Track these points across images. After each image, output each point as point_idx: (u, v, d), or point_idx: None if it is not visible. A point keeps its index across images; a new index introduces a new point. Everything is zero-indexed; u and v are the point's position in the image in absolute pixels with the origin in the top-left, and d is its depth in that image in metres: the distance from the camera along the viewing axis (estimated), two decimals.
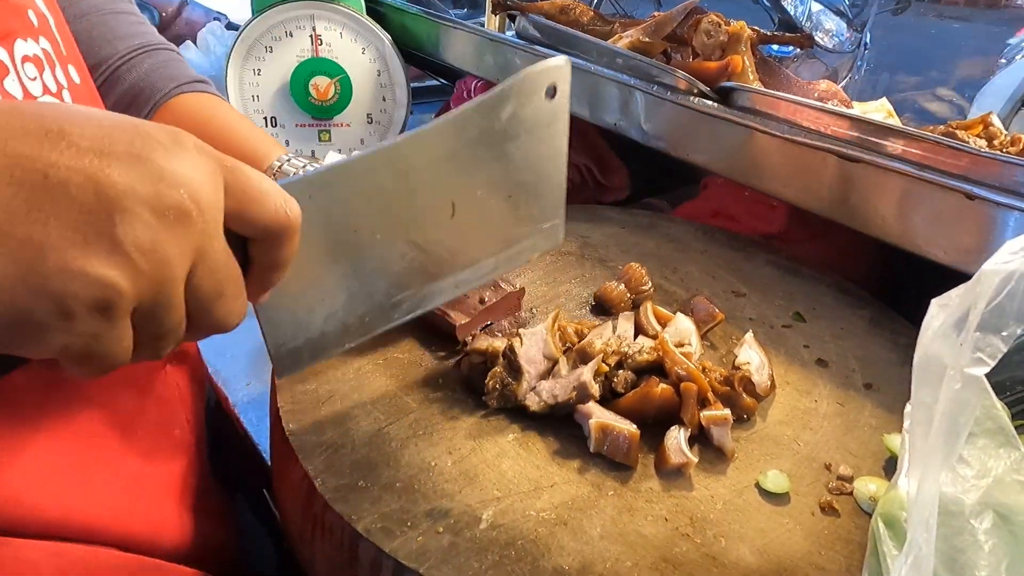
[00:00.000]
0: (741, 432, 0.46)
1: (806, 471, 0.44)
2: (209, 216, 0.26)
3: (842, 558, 0.38)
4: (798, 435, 0.47)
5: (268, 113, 0.99)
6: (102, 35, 0.58)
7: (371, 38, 1.01)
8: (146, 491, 0.42)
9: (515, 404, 0.46)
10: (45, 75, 0.37)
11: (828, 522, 0.40)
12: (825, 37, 1.88)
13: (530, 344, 0.48)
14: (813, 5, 1.89)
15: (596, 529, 0.38)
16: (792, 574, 0.37)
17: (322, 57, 0.99)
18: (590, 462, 0.43)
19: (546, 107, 0.43)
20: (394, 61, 1.02)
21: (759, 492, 0.42)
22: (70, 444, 0.37)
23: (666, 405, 0.45)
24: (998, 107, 1.14)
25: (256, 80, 0.98)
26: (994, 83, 1.22)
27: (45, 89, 0.37)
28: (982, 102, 1.18)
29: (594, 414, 0.44)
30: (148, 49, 0.59)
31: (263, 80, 0.98)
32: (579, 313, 0.57)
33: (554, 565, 0.36)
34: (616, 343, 0.48)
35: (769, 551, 0.38)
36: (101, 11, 0.59)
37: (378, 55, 1.02)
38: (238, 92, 0.97)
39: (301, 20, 0.98)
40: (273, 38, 0.97)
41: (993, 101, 1.18)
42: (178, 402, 0.48)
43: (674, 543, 0.38)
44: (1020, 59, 1.27)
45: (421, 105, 1.32)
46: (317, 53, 0.99)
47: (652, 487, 0.42)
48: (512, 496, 0.40)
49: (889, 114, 0.84)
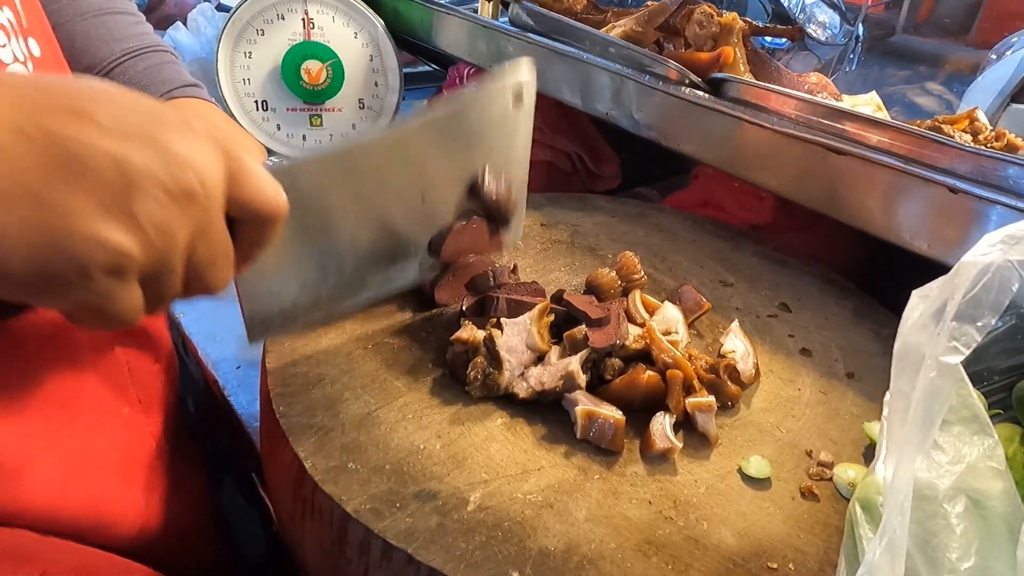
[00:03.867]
0: (725, 419, 0.47)
1: (788, 457, 0.45)
2: (212, 198, 0.29)
3: (820, 541, 0.39)
4: (781, 422, 0.48)
5: (259, 97, 0.98)
6: (99, 36, 0.59)
7: (364, 23, 1.00)
8: (87, 468, 0.42)
9: (497, 394, 0.46)
10: (12, 43, 0.39)
11: (808, 506, 0.41)
12: (818, 29, 1.89)
13: (511, 334, 0.48)
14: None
15: (581, 512, 0.39)
16: (771, 556, 0.38)
17: (314, 41, 0.98)
18: (576, 447, 0.44)
19: (511, 114, 0.47)
20: (387, 46, 1.01)
21: (741, 477, 0.43)
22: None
23: (652, 392, 0.46)
24: (988, 101, 1.15)
25: (247, 63, 0.97)
26: (985, 77, 1.23)
27: (14, 58, 0.39)
28: (972, 97, 1.19)
29: (580, 402, 0.45)
30: (143, 51, 0.60)
31: (254, 63, 0.97)
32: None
33: (540, 546, 0.37)
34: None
35: (750, 534, 0.39)
36: (100, 11, 0.60)
37: (371, 40, 1.01)
38: (229, 75, 0.96)
39: (293, 3, 0.97)
40: (265, 20, 0.96)
41: (983, 96, 1.19)
42: (128, 381, 0.48)
43: (657, 526, 0.39)
44: (1010, 55, 1.28)
45: (414, 91, 1.32)
46: (309, 37, 0.98)
47: (637, 471, 0.42)
48: (500, 479, 0.40)
49: (878, 108, 0.85)
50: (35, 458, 0.38)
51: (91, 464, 0.42)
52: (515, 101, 0.47)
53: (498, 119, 0.47)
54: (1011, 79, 1.16)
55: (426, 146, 0.44)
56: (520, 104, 0.47)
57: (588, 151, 0.96)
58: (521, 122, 0.48)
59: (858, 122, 0.57)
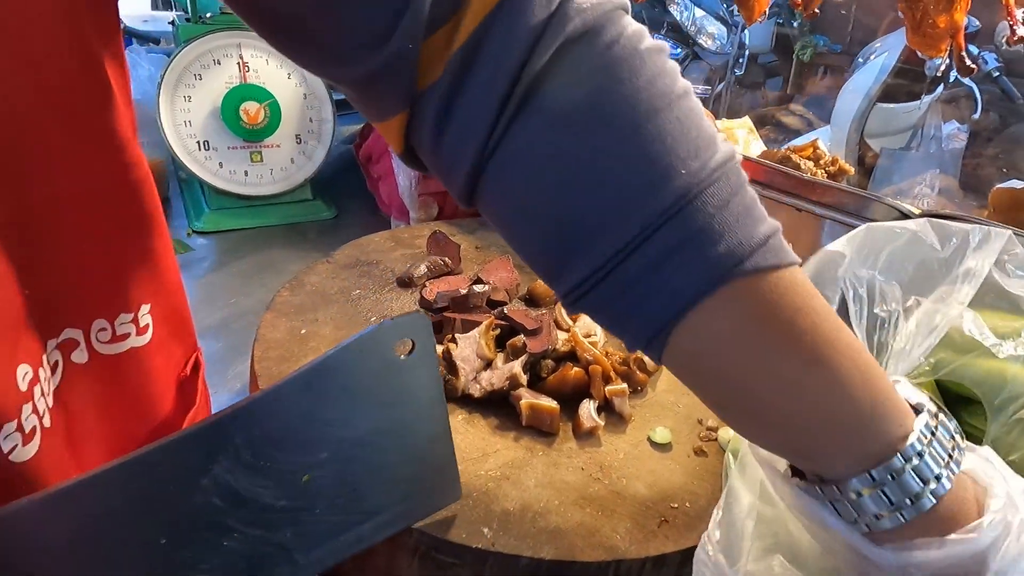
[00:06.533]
0: (636, 400, 0.60)
1: (684, 426, 0.58)
2: None
3: (709, 485, 0.52)
4: (679, 400, 0.61)
5: (200, 137, 1.04)
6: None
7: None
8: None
9: (456, 396, 0.57)
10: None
11: (700, 461, 0.55)
12: (708, 40, 2.09)
13: (464, 346, 0.59)
14: (697, 11, 2.09)
15: (531, 480, 0.50)
16: (673, 499, 0.50)
17: (250, 83, 1.05)
18: (523, 432, 0.55)
19: (403, 364, 0.39)
20: (318, 83, 1.10)
21: (650, 444, 0.55)
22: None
23: (579, 384, 0.58)
24: (856, 102, 1.34)
25: (187, 107, 1.03)
26: (853, 80, 1.42)
27: None
28: (844, 97, 1.38)
29: (524, 396, 0.56)
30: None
31: (194, 106, 1.03)
32: (514, 304, 0.69)
33: (502, 508, 0.48)
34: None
35: (657, 485, 0.52)
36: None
37: (303, 79, 1.09)
38: (170, 118, 1.02)
39: (228, 48, 1.04)
40: (202, 66, 1.03)
41: (852, 97, 1.38)
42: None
43: (588, 485, 0.51)
44: (875, 59, 1.47)
45: (352, 115, 1.39)
46: (245, 79, 1.05)
47: (571, 447, 0.54)
48: (465, 462, 0.51)
49: (751, 131, 1.01)
50: None
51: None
52: (405, 351, 0.39)
53: (383, 374, 0.38)
54: (876, 81, 1.35)
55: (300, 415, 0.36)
56: (412, 354, 0.39)
57: None
58: (419, 372, 0.40)
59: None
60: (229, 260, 1.03)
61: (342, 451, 0.38)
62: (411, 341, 0.39)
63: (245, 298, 0.95)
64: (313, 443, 0.37)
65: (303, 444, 0.37)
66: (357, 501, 0.40)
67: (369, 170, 1.18)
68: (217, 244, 1.07)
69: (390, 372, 0.38)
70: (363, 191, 1.21)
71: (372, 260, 0.76)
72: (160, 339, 0.41)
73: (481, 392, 0.57)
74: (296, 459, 0.37)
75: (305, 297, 0.68)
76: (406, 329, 0.38)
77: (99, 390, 0.38)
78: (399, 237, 0.81)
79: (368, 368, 0.38)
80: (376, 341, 0.37)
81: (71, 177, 0.34)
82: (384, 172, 1.12)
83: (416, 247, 0.79)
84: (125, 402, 0.40)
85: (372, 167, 1.17)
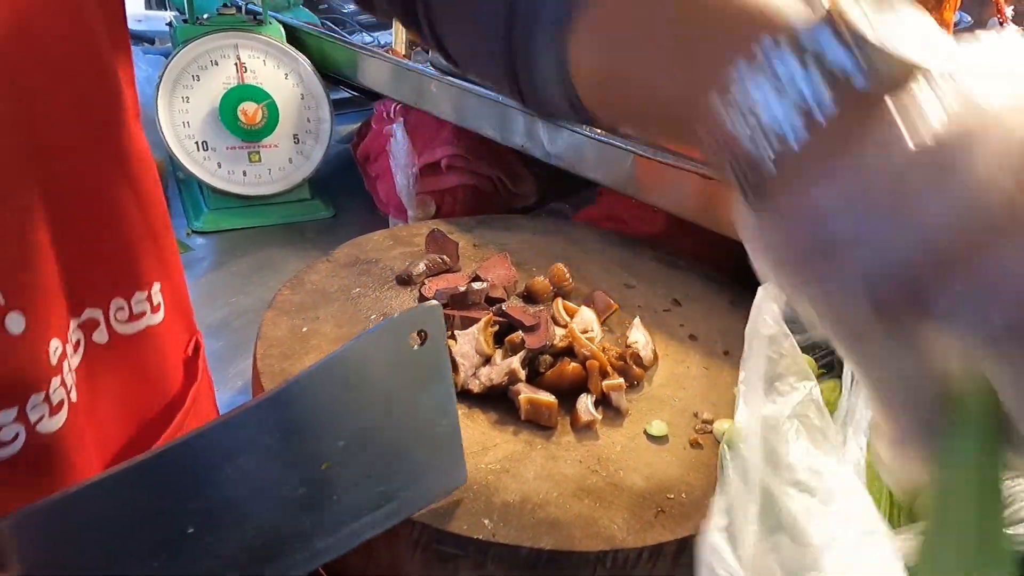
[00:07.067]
0: (633, 394, 0.61)
1: (680, 419, 0.59)
2: None
3: (704, 477, 0.53)
4: (674, 394, 0.62)
5: (199, 138, 1.05)
6: None
7: (292, 64, 1.09)
8: None
9: (456, 391, 0.58)
10: None
11: (695, 454, 0.56)
12: None
13: (464, 342, 0.60)
14: None
15: (530, 473, 0.51)
16: (670, 490, 0.51)
17: (248, 84, 1.06)
18: (522, 426, 0.56)
19: (417, 353, 0.40)
20: (315, 83, 1.10)
21: (647, 437, 0.56)
22: None
23: (576, 379, 0.59)
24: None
25: (185, 107, 1.03)
26: None
27: None
28: None
29: (522, 391, 0.57)
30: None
31: (192, 107, 1.04)
32: (512, 301, 0.70)
33: (502, 500, 0.49)
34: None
35: (654, 477, 0.53)
36: None
37: (300, 79, 1.10)
38: (169, 118, 1.03)
39: (225, 49, 1.04)
40: (199, 67, 1.03)
41: None
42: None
43: (586, 477, 0.52)
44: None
45: (349, 115, 1.39)
46: (243, 80, 1.06)
47: (569, 440, 0.55)
48: (466, 456, 0.52)
49: None
50: None
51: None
52: (418, 341, 0.40)
53: (398, 366, 0.40)
54: None
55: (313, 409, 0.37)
56: (424, 344, 0.40)
57: (507, 174, 1.09)
58: (431, 362, 0.41)
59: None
60: (228, 260, 1.04)
61: (359, 439, 0.39)
62: (425, 331, 0.40)
63: (245, 297, 0.96)
64: (332, 432, 0.38)
65: (323, 433, 0.38)
66: (373, 487, 0.41)
67: (367, 169, 1.19)
68: (216, 244, 1.08)
69: (405, 361, 0.40)
70: (361, 190, 1.21)
71: (371, 258, 0.77)
72: (170, 317, 0.43)
73: (480, 387, 0.58)
74: (316, 448, 0.38)
75: (306, 295, 0.69)
76: (420, 320, 0.39)
77: (118, 369, 0.39)
78: (397, 235, 0.82)
79: (384, 358, 0.39)
80: (392, 332, 0.39)
81: (84, 154, 0.35)
82: (382, 171, 1.12)
83: (414, 245, 0.80)
84: (142, 381, 0.41)
85: (370, 166, 1.18)
